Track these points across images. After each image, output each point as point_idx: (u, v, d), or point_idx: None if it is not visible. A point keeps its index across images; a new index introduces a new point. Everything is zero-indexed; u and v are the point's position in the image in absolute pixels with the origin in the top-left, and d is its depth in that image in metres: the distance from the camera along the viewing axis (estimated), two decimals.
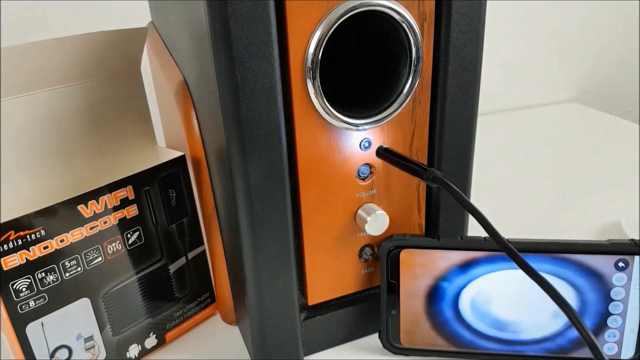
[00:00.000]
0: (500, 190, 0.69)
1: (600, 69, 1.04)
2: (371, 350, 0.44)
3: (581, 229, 0.60)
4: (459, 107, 0.39)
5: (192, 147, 0.43)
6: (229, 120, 0.34)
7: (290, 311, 0.40)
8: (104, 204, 0.39)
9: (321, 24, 0.33)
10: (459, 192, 0.34)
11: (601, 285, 0.38)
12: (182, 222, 0.44)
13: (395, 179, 0.40)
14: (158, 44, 0.52)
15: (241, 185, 0.35)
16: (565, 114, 0.98)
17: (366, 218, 0.39)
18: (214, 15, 0.31)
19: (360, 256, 0.42)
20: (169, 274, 0.44)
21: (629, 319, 0.39)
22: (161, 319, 0.45)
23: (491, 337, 0.41)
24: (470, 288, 0.39)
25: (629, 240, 0.38)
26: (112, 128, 0.45)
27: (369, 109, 0.37)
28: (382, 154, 0.38)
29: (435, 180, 0.35)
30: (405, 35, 0.35)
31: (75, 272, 0.38)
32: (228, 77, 0.32)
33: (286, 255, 0.38)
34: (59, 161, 0.42)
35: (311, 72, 0.34)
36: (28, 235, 0.36)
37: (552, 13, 0.96)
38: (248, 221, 0.36)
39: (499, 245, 0.32)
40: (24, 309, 0.36)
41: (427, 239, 0.40)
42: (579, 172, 0.74)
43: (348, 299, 0.44)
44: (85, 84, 0.42)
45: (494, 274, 0.39)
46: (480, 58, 0.38)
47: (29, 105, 0.40)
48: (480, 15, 0.36)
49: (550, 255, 0.38)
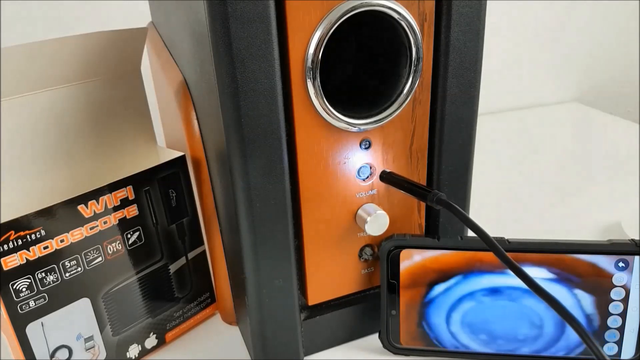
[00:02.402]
0: (500, 190, 0.69)
1: (600, 69, 1.04)
2: (371, 350, 0.44)
3: (581, 229, 0.60)
4: (459, 107, 0.39)
5: (192, 147, 0.43)
6: (229, 120, 0.34)
7: (290, 311, 0.40)
8: (104, 204, 0.39)
9: (321, 24, 0.33)
10: (463, 212, 0.34)
11: (601, 285, 0.38)
12: (182, 222, 0.44)
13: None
14: (158, 44, 0.52)
15: (241, 185, 0.35)
16: (565, 114, 0.98)
17: (366, 218, 0.39)
18: (214, 15, 0.31)
19: (360, 256, 0.42)
20: (169, 274, 0.44)
21: (629, 319, 0.39)
22: (161, 319, 0.45)
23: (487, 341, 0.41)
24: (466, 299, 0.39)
25: (629, 240, 0.38)
26: (112, 128, 0.45)
27: (369, 109, 0.37)
28: (385, 178, 0.39)
29: (439, 202, 0.35)
30: (405, 35, 0.35)
31: (76, 272, 0.38)
32: (228, 77, 0.32)
33: (286, 255, 0.38)
34: (59, 161, 0.42)
35: (311, 72, 0.34)
36: (28, 235, 0.36)
37: (552, 13, 0.96)
38: (248, 221, 0.36)
39: (505, 264, 0.32)
40: (24, 309, 0.36)
41: (427, 239, 0.40)
42: (579, 172, 0.74)
43: (348, 299, 0.44)
44: (85, 84, 0.42)
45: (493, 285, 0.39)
46: (480, 58, 0.38)
47: (29, 105, 0.40)
48: (480, 15, 0.36)
49: (550, 255, 0.38)
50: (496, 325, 0.37)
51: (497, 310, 0.36)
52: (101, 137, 0.44)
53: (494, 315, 0.36)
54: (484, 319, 0.37)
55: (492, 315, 0.37)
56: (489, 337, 0.38)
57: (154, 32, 0.54)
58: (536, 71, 1.00)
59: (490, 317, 0.37)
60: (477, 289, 0.36)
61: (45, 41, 0.38)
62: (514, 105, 1.01)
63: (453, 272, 0.38)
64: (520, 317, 0.36)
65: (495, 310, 0.36)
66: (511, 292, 0.36)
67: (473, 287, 0.36)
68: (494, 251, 0.32)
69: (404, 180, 0.38)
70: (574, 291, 0.39)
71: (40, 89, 0.40)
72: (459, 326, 0.39)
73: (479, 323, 0.38)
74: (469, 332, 0.39)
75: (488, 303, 0.36)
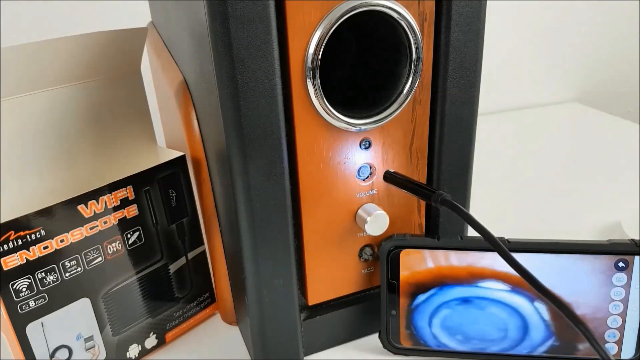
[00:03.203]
0: (500, 190, 0.69)
1: (600, 69, 1.04)
2: (371, 350, 0.44)
3: (581, 229, 0.60)
4: (459, 107, 0.39)
5: (192, 147, 0.43)
6: (229, 120, 0.34)
7: (290, 311, 0.40)
8: (104, 204, 0.39)
9: (321, 24, 0.33)
10: (468, 213, 0.34)
11: (601, 285, 0.38)
12: (182, 222, 0.44)
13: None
14: (158, 44, 0.52)
15: (241, 185, 0.35)
16: (565, 114, 0.98)
17: (366, 218, 0.39)
18: (214, 15, 0.31)
19: (360, 256, 0.42)
20: (169, 274, 0.44)
21: (629, 319, 0.39)
22: (161, 319, 0.45)
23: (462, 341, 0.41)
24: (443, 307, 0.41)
25: (629, 240, 0.38)
26: (112, 128, 0.45)
27: (369, 109, 0.37)
28: (388, 178, 0.39)
29: (444, 203, 0.35)
30: (405, 35, 0.35)
31: (75, 272, 0.38)
32: (228, 77, 0.32)
33: (286, 255, 0.38)
34: (59, 161, 0.42)
35: (311, 72, 0.34)
36: (28, 235, 0.36)
37: (552, 13, 0.96)
38: (248, 221, 0.36)
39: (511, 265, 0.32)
40: (24, 309, 0.36)
41: (427, 239, 0.40)
42: (579, 172, 0.74)
43: (348, 299, 0.44)
44: (85, 84, 0.42)
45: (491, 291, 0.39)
46: (480, 58, 0.38)
47: (29, 105, 0.40)
48: (480, 15, 0.36)
49: (549, 255, 0.38)
50: (469, 328, 0.41)
51: (469, 316, 0.40)
52: (101, 137, 0.44)
53: (467, 320, 0.41)
54: (459, 323, 0.41)
55: (465, 320, 0.41)
56: (464, 338, 0.41)
57: (154, 32, 0.54)
58: (536, 71, 1.00)
59: (464, 322, 0.41)
60: (451, 299, 0.40)
61: (45, 41, 0.38)
62: (514, 105, 1.01)
63: (432, 285, 0.40)
64: (488, 322, 0.40)
65: (467, 316, 0.40)
66: (479, 302, 0.40)
67: (448, 297, 0.40)
68: (499, 252, 0.32)
69: (408, 181, 0.38)
70: (573, 291, 0.39)
71: (40, 89, 0.40)
72: (439, 328, 0.42)
73: (455, 326, 0.41)
74: (447, 334, 0.42)
75: (461, 310, 0.40)
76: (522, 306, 0.39)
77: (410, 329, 0.42)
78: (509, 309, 0.39)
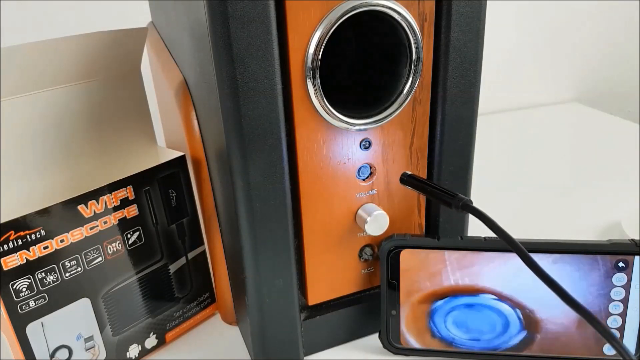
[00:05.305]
0: (500, 190, 0.69)
1: (600, 69, 1.04)
2: (371, 350, 0.44)
3: (581, 229, 0.60)
4: (459, 107, 0.39)
5: (192, 147, 0.43)
6: (229, 120, 0.34)
7: (290, 311, 0.40)
8: (104, 204, 0.39)
9: (321, 24, 0.33)
10: (491, 219, 0.33)
11: (601, 285, 0.38)
12: (182, 222, 0.44)
13: (395, 179, 0.40)
14: (158, 44, 0.52)
15: (241, 185, 0.35)
16: (565, 114, 0.98)
17: (366, 218, 0.39)
18: (214, 15, 0.31)
19: (360, 256, 0.42)
20: (169, 274, 0.44)
21: (629, 319, 0.39)
22: (161, 319, 0.45)
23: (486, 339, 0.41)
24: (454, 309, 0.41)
25: (629, 240, 0.38)
26: (112, 128, 0.45)
27: (369, 109, 0.37)
28: (406, 180, 0.38)
29: (465, 208, 0.34)
30: (405, 35, 0.35)
31: (75, 272, 0.38)
32: (228, 77, 0.32)
33: (286, 255, 0.38)
34: (59, 161, 0.42)
35: (311, 72, 0.34)
36: (28, 235, 0.36)
37: (552, 13, 0.96)
38: (248, 221, 0.36)
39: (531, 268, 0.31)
40: (24, 309, 0.36)
41: (427, 239, 0.40)
42: (579, 172, 0.74)
43: (348, 299, 0.44)
44: (85, 84, 0.42)
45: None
46: (480, 58, 0.38)
47: (29, 105, 0.40)
48: (480, 15, 0.37)
49: (550, 255, 0.38)
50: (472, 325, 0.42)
51: (472, 316, 0.41)
52: (101, 137, 0.44)
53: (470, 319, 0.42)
54: (464, 321, 0.42)
55: (469, 319, 0.42)
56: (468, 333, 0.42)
57: (154, 32, 0.54)
58: (536, 71, 1.00)
59: (468, 320, 0.42)
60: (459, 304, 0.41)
61: (45, 41, 0.38)
62: (514, 105, 1.01)
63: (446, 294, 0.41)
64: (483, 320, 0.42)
65: (470, 316, 0.41)
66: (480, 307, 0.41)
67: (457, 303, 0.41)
68: (522, 258, 0.31)
69: (427, 184, 0.37)
70: (573, 291, 0.39)
71: (40, 89, 0.40)
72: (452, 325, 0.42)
73: (462, 323, 0.42)
74: (456, 329, 0.42)
75: (467, 312, 0.41)
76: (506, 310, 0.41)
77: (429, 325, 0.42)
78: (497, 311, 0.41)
